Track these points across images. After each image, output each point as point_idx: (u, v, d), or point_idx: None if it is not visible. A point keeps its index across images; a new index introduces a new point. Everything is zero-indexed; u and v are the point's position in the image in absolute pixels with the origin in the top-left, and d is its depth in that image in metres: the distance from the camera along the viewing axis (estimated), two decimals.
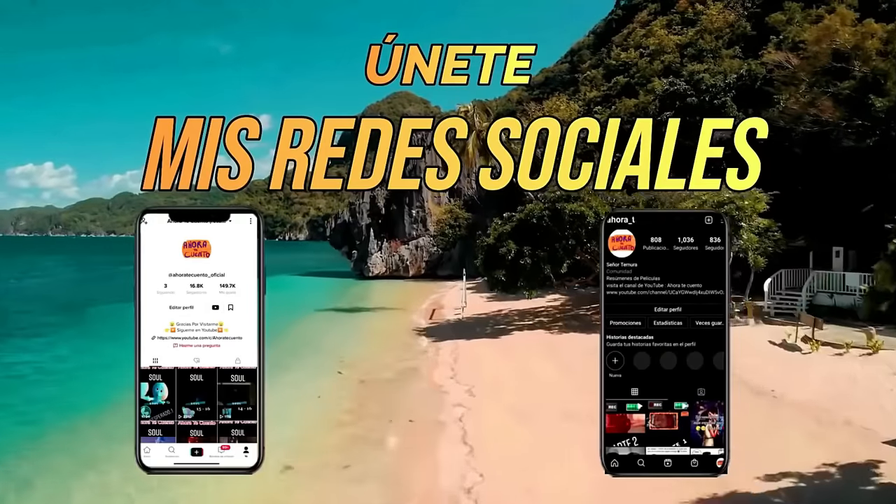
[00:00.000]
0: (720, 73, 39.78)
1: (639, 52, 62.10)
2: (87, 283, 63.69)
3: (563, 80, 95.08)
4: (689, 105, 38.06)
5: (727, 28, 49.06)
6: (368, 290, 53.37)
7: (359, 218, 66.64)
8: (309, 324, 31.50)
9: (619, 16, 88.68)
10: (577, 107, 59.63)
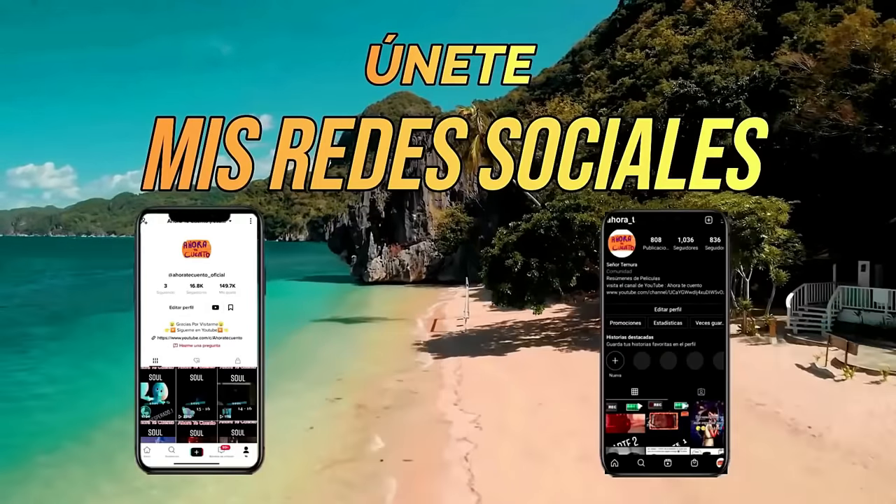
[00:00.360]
0: (731, 74, 38.40)
1: (644, 52, 60.74)
2: (78, 290, 62.32)
3: (564, 80, 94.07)
4: (700, 108, 36.69)
5: (737, 28, 47.68)
6: (368, 296, 52.05)
7: (358, 222, 65.25)
8: (305, 336, 30.16)
9: (623, 15, 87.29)
10: (581, 108, 58.37)
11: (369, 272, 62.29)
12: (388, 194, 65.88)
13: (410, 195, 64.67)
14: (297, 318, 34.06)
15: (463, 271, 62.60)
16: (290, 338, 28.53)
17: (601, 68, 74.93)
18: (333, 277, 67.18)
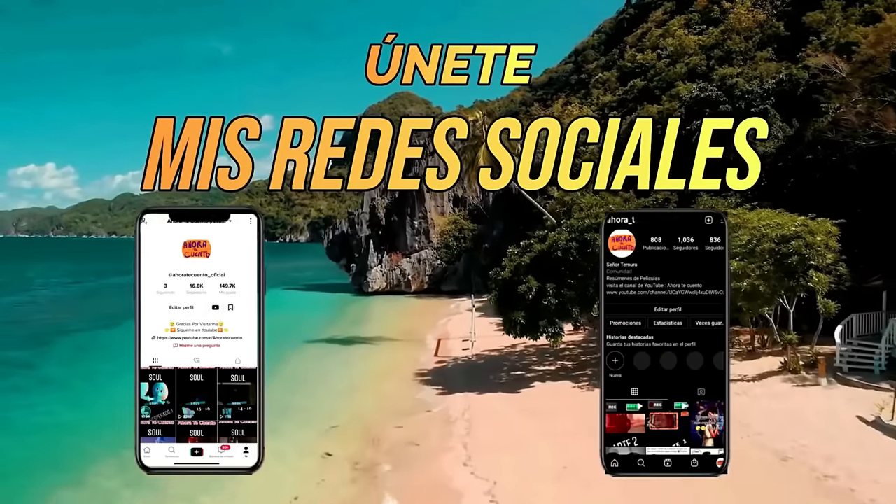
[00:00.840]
0: (755, 77, 35.95)
1: (656, 53, 58.31)
2: (67, 302, 59.94)
3: (567, 81, 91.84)
4: (723, 113, 34.20)
5: (756, 28, 45.20)
6: (368, 309, 49.67)
7: (358, 229, 62.80)
8: (299, 363, 27.72)
9: (631, 15, 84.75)
10: (589, 111, 55.91)
11: (369, 282, 59.88)
12: (388, 200, 63.48)
13: (412, 201, 62.29)
14: (291, 338, 31.66)
15: (466, 281, 60.21)
16: (282, 366, 26.16)
17: (608, 69, 72.53)
18: (332, 286, 64.72)
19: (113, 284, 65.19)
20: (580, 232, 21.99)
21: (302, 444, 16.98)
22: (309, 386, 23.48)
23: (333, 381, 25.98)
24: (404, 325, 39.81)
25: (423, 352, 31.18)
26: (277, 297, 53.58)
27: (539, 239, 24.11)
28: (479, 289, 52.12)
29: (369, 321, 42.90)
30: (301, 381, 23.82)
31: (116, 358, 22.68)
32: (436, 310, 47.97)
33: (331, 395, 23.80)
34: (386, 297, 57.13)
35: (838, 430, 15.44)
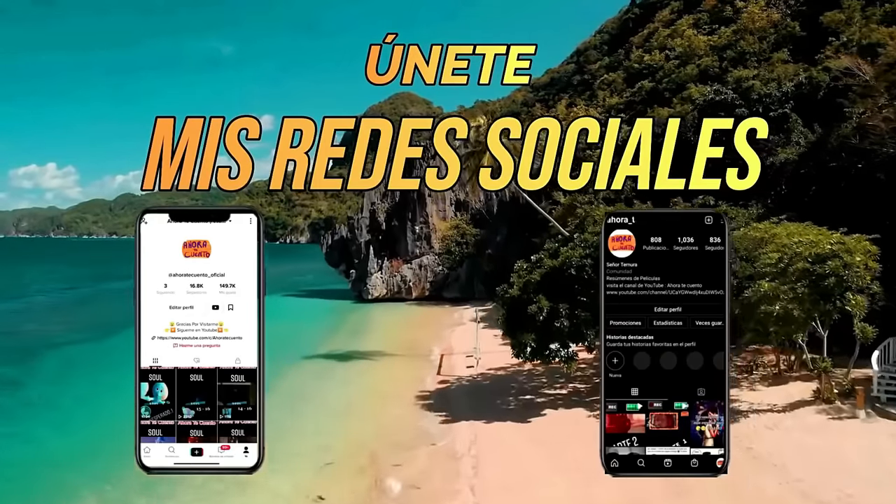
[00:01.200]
0: (773, 80, 34.39)
1: (664, 54, 56.76)
2: (60, 310, 58.47)
3: (570, 81, 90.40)
4: (739, 117, 32.63)
5: (771, 28, 43.61)
6: (367, 318, 48.17)
7: (357, 234, 61.28)
8: (294, 383, 26.19)
9: (637, 15, 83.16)
10: (595, 114, 54.36)
11: (369, 288, 58.37)
12: (388, 205, 61.99)
13: (412, 205, 60.76)
14: (289, 351, 30.14)
15: (469, 288, 58.70)
16: (279, 381, 24.82)
17: (614, 70, 71.00)
18: (331, 292, 63.20)
19: (111, 290, 63.62)
20: (595, 248, 20.44)
21: (290, 484, 15.46)
22: (302, 412, 21.95)
23: (331, 401, 24.53)
24: (405, 337, 38.29)
25: (426, 368, 29.68)
26: (276, 303, 52.00)
27: (550, 254, 22.60)
28: (482, 296, 50.73)
29: (369, 332, 41.39)
30: (294, 406, 22.31)
31: (112, 369, 21.46)
32: (438, 319, 46.45)
33: (328, 416, 22.37)
34: (386, 304, 55.64)
35: (885, 475, 13.91)
